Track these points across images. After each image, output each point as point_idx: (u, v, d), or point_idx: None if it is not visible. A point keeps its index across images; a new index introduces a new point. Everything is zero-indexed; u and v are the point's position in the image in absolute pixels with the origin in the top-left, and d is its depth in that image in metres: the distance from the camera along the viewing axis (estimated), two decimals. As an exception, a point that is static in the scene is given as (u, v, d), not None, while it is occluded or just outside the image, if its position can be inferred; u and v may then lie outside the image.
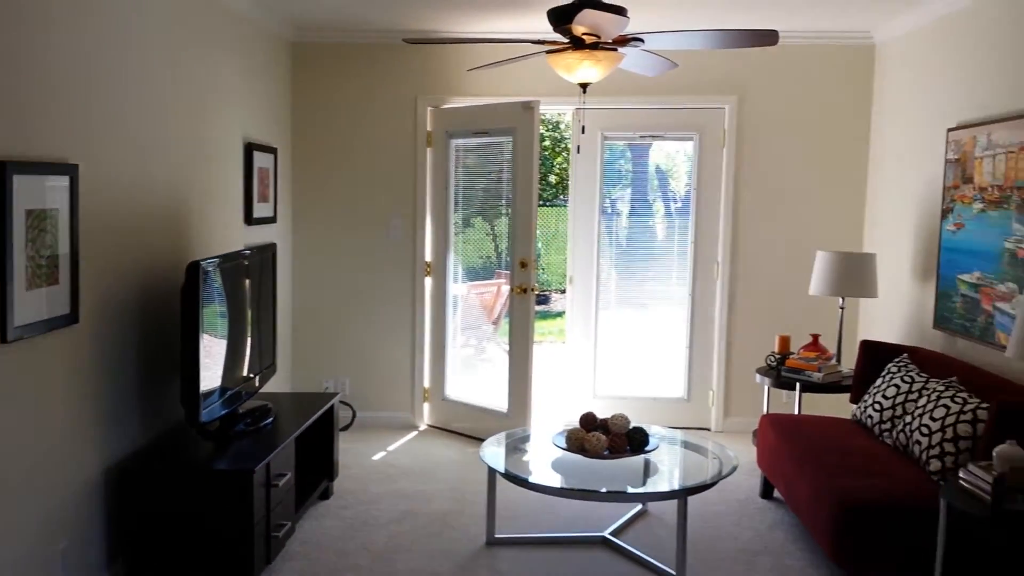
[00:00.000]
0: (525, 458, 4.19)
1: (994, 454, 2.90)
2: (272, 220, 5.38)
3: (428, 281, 5.89)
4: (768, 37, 3.75)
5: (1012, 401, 3.27)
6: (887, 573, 3.31)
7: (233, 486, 3.34)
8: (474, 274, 6.11)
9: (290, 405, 4.31)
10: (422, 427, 5.94)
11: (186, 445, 3.65)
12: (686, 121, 5.79)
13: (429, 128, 5.79)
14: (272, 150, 5.34)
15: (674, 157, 5.96)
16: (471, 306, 6.17)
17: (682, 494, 3.61)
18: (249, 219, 4.96)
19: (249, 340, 4.07)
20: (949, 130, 4.43)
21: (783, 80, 5.64)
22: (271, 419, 3.97)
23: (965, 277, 4.23)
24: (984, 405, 3.46)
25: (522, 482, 3.78)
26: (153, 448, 3.64)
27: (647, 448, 3.85)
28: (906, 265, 4.99)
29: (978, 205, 4.12)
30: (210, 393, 3.56)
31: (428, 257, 5.88)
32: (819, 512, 3.52)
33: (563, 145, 14.14)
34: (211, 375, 3.58)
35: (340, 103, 5.78)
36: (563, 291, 12.69)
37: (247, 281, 4.05)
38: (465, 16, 5.06)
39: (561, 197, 14.53)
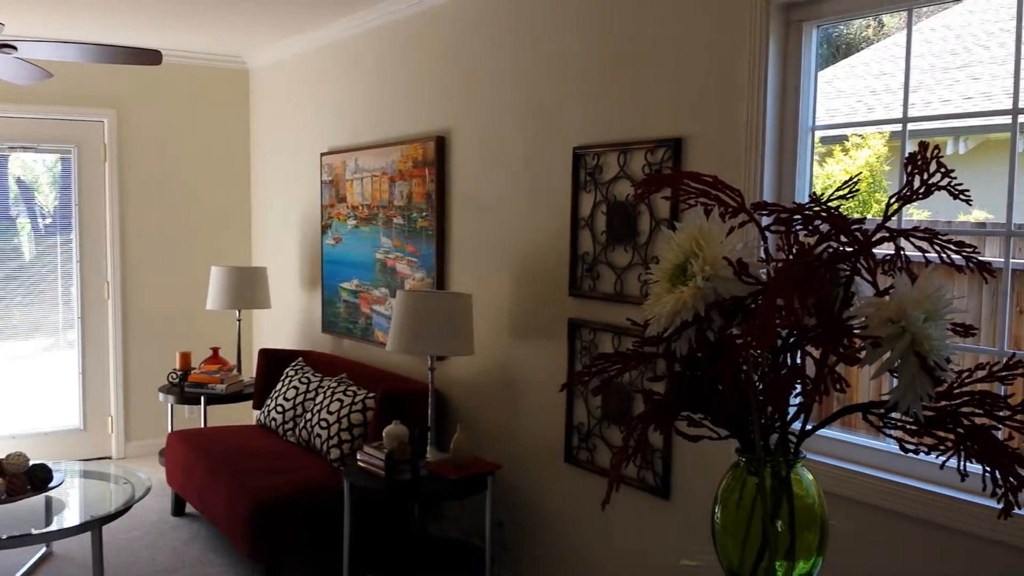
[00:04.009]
0: None
1: (384, 434, 3.41)
2: None
3: None
4: (152, 57, 3.78)
5: (393, 389, 3.87)
6: (302, 558, 3.65)
7: None
8: None
9: None
10: None
11: None
12: (62, 133, 5.42)
13: None
14: None
15: (33, 168, 5.51)
16: None
17: (96, 524, 3.46)
18: None
19: None
20: (322, 154, 4.98)
21: (164, 97, 5.64)
22: None
23: (346, 285, 4.80)
24: (371, 395, 4.01)
25: None
26: None
27: (52, 485, 3.58)
28: (295, 277, 5.45)
29: (352, 222, 4.72)
30: None
31: None
32: (235, 515, 3.69)
33: None
34: None
35: None
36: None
37: None
38: None
39: None
